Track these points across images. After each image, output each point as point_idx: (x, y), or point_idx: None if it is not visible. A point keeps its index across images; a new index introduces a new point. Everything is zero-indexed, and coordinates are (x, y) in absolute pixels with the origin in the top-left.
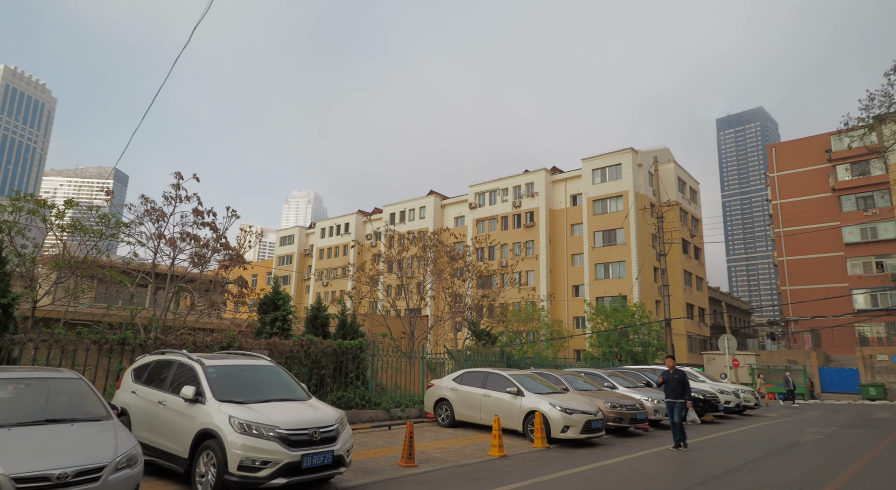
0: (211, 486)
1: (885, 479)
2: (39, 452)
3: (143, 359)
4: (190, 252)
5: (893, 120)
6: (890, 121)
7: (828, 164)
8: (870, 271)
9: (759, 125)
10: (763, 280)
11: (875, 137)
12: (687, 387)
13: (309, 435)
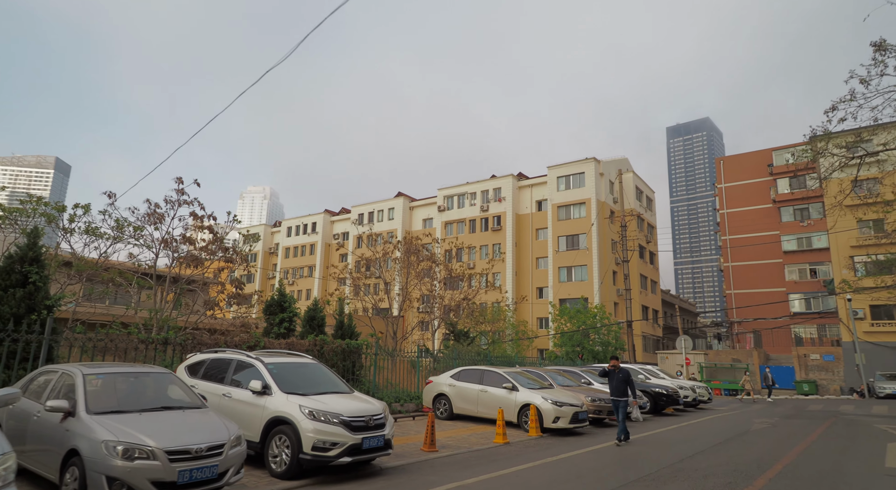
0: (285, 464)
1: (823, 457)
2: (175, 431)
3: (194, 357)
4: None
5: (834, 144)
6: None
7: (769, 177)
8: (805, 277)
9: (705, 135)
10: (707, 283)
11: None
12: (631, 385)
13: (366, 421)
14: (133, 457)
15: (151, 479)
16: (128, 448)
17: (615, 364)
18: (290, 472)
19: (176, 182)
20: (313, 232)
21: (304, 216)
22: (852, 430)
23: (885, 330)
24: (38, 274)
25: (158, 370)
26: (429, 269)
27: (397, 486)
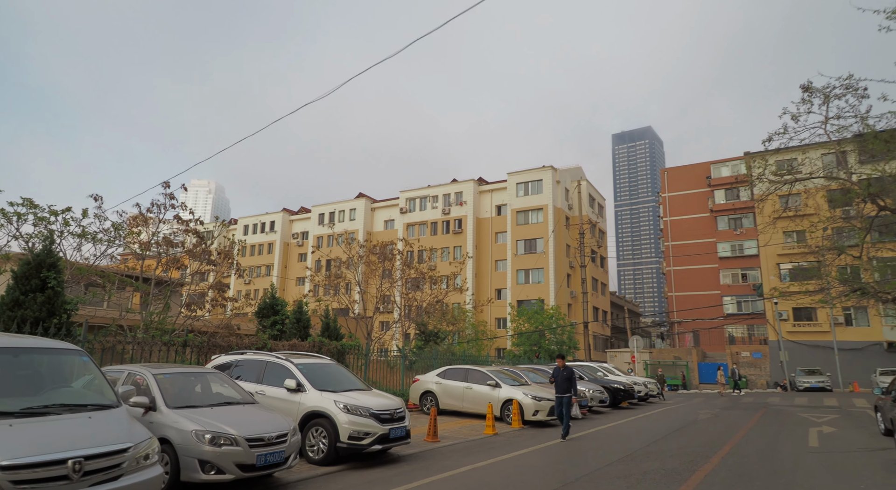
0: (322, 452)
1: (760, 440)
2: (247, 423)
3: (220, 358)
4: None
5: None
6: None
7: (708, 188)
8: (737, 281)
9: (647, 143)
10: (647, 284)
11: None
12: (573, 383)
13: (391, 414)
14: (220, 443)
15: (236, 462)
16: (215, 436)
17: (561, 363)
18: (328, 459)
19: (163, 186)
20: (271, 231)
21: (262, 214)
22: (781, 419)
23: (806, 330)
24: (55, 279)
25: (210, 371)
26: (402, 273)
27: (421, 469)
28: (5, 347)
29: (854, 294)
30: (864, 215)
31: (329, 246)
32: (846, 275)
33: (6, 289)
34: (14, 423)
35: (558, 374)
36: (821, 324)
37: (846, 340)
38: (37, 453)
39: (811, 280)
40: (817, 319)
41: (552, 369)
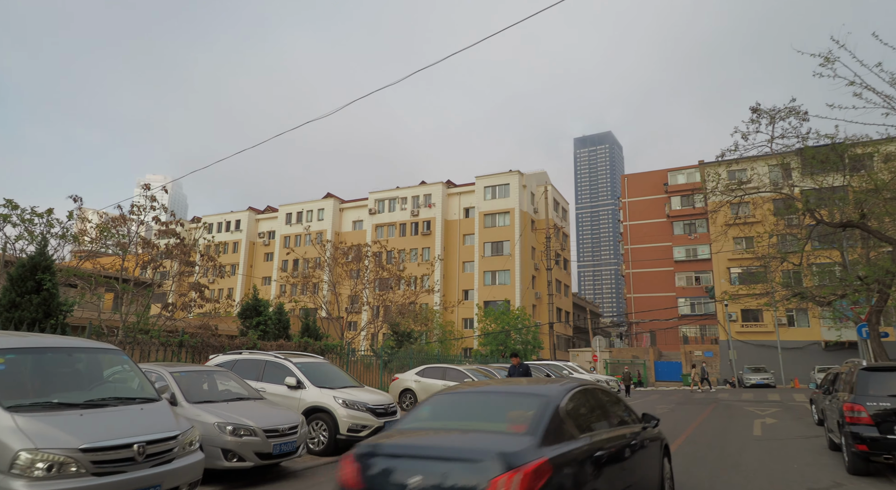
0: (323, 443)
1: (711, 430)
2: (262, 416)
3: (218, 358)
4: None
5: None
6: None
7: (665, 195)
8: (691, 284)
9: (608, 147)
10: (606, 285)
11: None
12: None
13: (385, 408)
14: (241, 434)
15: (255, 451)
16: (236, 427)
17: (516, 361)
18: (328, 450)
19: (143, 188)
20: (237, 230)
21: (227, 213)
22: (729, 412)
23: (753, 330)
24: (50, 281)
25: (219, 369)
26: (375, 274)
27: None
28: (60, 347)
29: (795, 298)
30: (805, 225)
31: (297, 245)
32: (789, 280)
33: (2, 290)
34: (84, 414)
35: (514, 371)
36: (766, 325)
37: (789, 340)
38: (108, 438)
39: (758, 284)
40: (763, 321)
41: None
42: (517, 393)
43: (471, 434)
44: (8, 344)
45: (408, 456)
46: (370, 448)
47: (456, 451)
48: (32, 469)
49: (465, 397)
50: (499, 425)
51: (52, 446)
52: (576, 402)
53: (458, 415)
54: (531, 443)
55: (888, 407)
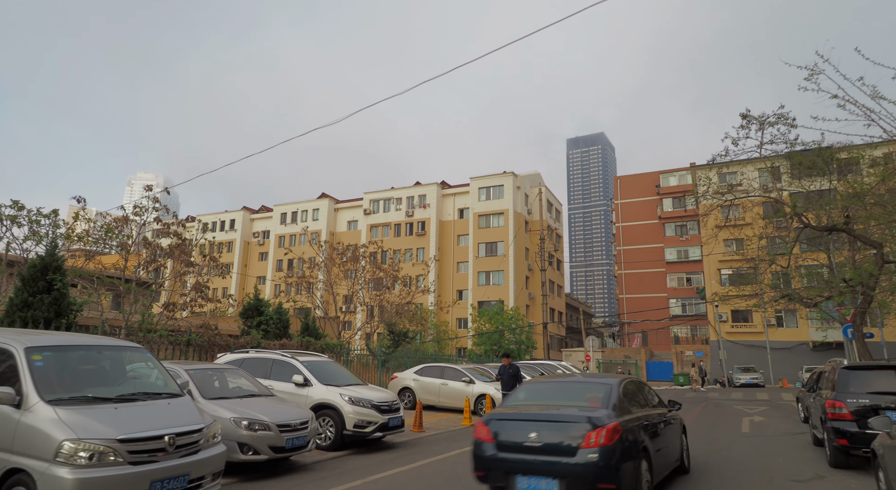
0: (330, 439)
1: (702, 427)
2: (274, 411)
3: (226, 356)
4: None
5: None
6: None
7: (657, 197)
8: (682, 285)
9: (600, 149)
10: (598, 285)
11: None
12: (519, 380)
13: (389, 405)
14: (255, 428)
15: (269, 445)
16: (251, 422)
17: (507, 361)
18: (335, 445)
19: (145, 189)
20: (231, 229)
21: (221, 213)
22: (719, 410)
23: (742, 331)
24: (61, 281)
25: (230, 367)
26: (372, 275)
27: (416, 452)
28: (91, 345)
29: (783, 299)
30: (793, 228)
31: (292, 245)
32: (777, 281)
33: (15, 290)
34: (118, 407)
35: (504, 371)
36: (755, 325)
37: (777, 340)
38: (141, 430)
39: (747, 286)
40: (753, 321)
41: (499, 367)
42: (588, 381)
43: (563, 408)
44: (44, 342)
45: (523, 420)
46: (495, 415)
47: (559, 417)
48: (75, 457)
49: (549, 385)
50: (580, 402)
51: (92, 437)
52: (627, 388)
53: (547, 396)
54: (606, 412)
55: (867, 403)
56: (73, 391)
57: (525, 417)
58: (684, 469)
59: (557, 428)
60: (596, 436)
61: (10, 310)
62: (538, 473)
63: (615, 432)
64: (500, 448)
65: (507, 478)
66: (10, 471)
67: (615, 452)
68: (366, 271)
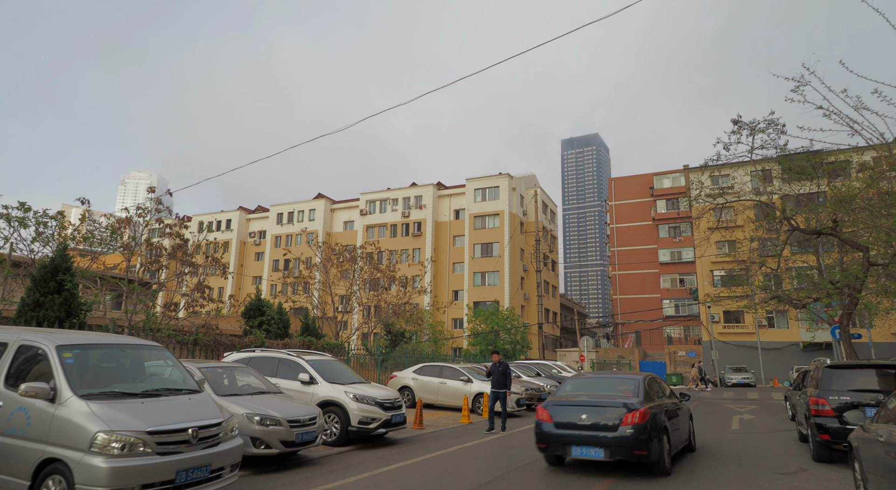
0: (335, 435)
1: (696, 422)
2: (284, 408)
3: (232, 355)
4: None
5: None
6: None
7: (651, 198)
8: (676, 286)
9: (594, 149)
10: (592, 286)
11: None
12: (509, 378)
13: (392, 403)
14: (267, 424)
15: (280, 439)
16: (263, 418)
17: (497, 358)
18: (340, 441)
19: (148, 191)
20: (227, 229)
21: (217, 212)
22: (710, 409)
23: (734, 331)
24: (71, 282)
25: (239, 366)
26: (369, 275)
27: (419, 448)
28: (115, 344)
29: (773, 300)
30: (784, 230)
31: (288, 245)
32: (769, 283)
33: (26, 290)
34: (144, 402)
35: (494, 369)
36: (747, 326)
37: (769, 341)
38: (168, 423)
39: (739, 287)
40: (744, 322)
41: (489, 365)
42: (620, 377)
43: (604, 397)
44: (73, 340)
45: (574, 405)
46: (551, 402)
47: (602, 403)
48: (109, 448)
49: (590, 380)
50: (616, 393)
51: (123, 429)
52: (649, 383)
53: (590, 388)
54: (638, 400)
55: (848, 400)
56: (102, 386)
57: (576, 403)
58: (692, 448)
59: (601, 411)
60: (632, 417)
61: (23, 309)
62: (588, 444)
63: (645, 414)
64: (557, 426)
65: (564, 448)
66: (47, 460)
67: (646, 429)
68: (363, 272)
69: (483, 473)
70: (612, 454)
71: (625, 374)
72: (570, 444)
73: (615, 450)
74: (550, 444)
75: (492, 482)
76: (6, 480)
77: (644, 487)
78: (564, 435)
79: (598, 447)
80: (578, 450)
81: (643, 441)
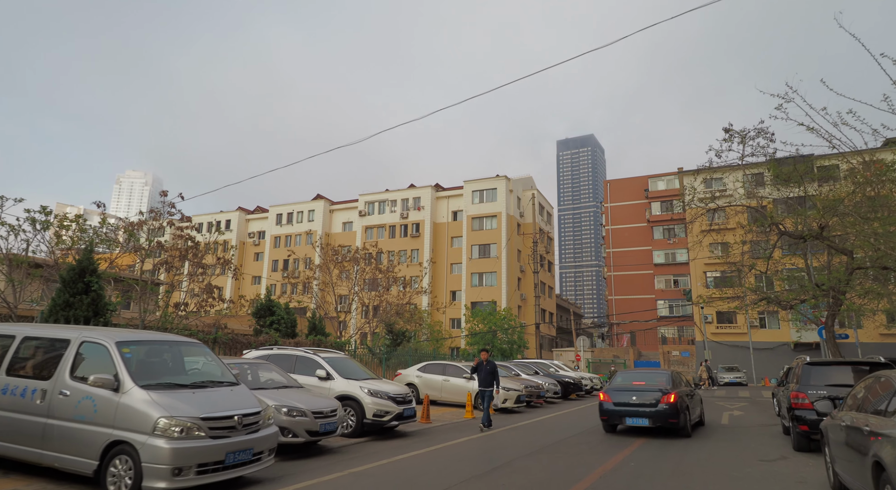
0: (351, 427)
1: None
2: (307, 400)
3: (251, 353)
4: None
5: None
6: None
7: (645, 200)
8: (670, 287)
9: (590, 150)
10: (588, 286)
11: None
12: (496, 377)
13: (403, 397)
14: (294, 415)
15: (306, 429)
16: (290, 409)
17: (485, 357)
18: (356, 433)
19: (161, 195)
20: (227, 230)
21: (217, 213)
22: (703, 406)
23: (727, 331)
24: (97, 283)
25: (262, 362)
26: (372, 277)
27: (428, 440)
28: (162, 340)
29: (762, 302)
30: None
31: (287, 246)
32: (760, 284)
33: (56, 291)
34: (195, 392)
35: (482, 368)
36: (739, 326)
37: (760, 341)
38: (217, 410)
39: (730, 289)
40: (737, 323)
41: (475, 363)
42: (655, 372)
43: (646, 384)
44: (129, 337)
45: (627, 391)
46: (610, 388)
47: (646, 388)
48: (169, 431)
49: (633, 374)
50: (654, 382)
51: (181, 415)
52: (675, 375)
53: (634, 379)
54: (669, 387)
55: (825, 394)
56: (156, 378)
57: (627, 389)
58: (702, 423)
59: (646, 394)
60: (667, 397)
61: (54, 309)
62: (637, 416)
63: (676, 396)
64: (615, 405)
65: (620, 418)
66: (114, 442)
67: (676, 406)
68: (365, 273)
69: (493, 460)
70: (653, 422)
71: (657, 370)
72: (625, 416)
73: (655, 419)
74: (611, 417)
75: (502, 466)
76: (77, 461)
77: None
78: (620, 410)
79: (643, 418)
80: (631, 419)
81: (674, 413)
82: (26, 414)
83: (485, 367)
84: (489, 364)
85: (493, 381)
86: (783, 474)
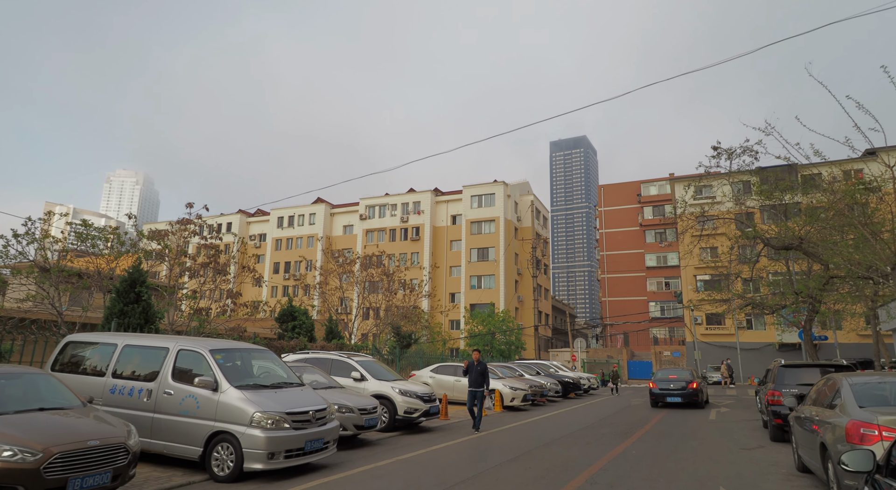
0: (385, 423)
1: (676, 417)
2: (353, 399)
3: (289, 357)
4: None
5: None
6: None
7: (638, 205)
8: (661, 289)
9: (582, 152)
10: (580, 286)
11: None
12: (486, 378)
13: (429, 396)
14: (343, 411)
15: (353, 423)
16: (340, 406)
17: (477, 357)
18: (388, 428)
19: (186, 206)
20: (228, 232)
21: (218, 216)
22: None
23: (716, 333)
24: (147, 293)
25: (306, 365)
26: (381, 282)
27: (451, 434)
28: (241, 348)
29: (748, 306)
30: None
31: (288, 248)
32: (748, 288)
33: (110, 300)
34: (277, 391)
35: (472, 368)
36: (728, 328)
37: (747, 342)
38: (297, 407)
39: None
40: (725, 324)
41: (466, 364)
42: (681, 370)
43: (678, 377)
44: (218, 346)
45: (666, 380)
46: (655, 378)
47: (678, 380)
48: (263, 423)
49: (667, 370)
50: (682, 377)
51: (271, 410)
52: (693, 372)
53: (669, 374)
54: (692, 378)
55: (796, 392)
56: (243, 380)
57: (666, 380)
58: (707, 401)
59: (678, 383)
60: (691, 385)
61: (109, 317)
62: (673, 396)
63: (697, 384)
64: (660, 390)
65: (663, 398)
66: (216, 432)
67: (699, 389)
68: (372, 276)
69: (516, 449)
70: (683, 399)
71: (682, 368)
72: (667, 396)
73: (685, 398)
74: (657, 397)
75: (525, 454)
76: (183, 448)
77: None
78: (664, 393)
79: (678, 397)
80: (670, 397)
81: (696, 394)
82: (135, 410)
83: (476, 367)
84: (480, 364)
85: (484, 381)
86: (759, 459)
